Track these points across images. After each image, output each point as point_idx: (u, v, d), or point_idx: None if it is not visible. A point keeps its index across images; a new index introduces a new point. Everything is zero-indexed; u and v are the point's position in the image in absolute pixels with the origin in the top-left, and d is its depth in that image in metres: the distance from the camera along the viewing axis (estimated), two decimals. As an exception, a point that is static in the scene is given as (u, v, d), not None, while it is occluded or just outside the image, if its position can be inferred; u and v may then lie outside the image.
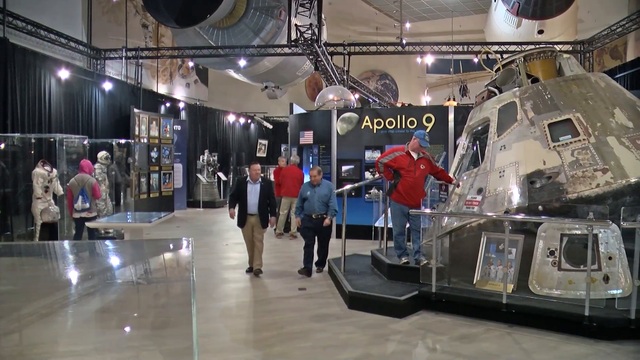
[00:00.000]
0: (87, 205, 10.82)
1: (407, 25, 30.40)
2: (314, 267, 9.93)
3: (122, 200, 15.36)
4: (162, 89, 23.55)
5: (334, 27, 28.83)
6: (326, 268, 9.87)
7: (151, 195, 18.21)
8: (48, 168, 11.25)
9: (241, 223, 9.76)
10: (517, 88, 8.59)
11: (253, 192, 9.63)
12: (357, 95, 23.21)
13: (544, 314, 6.63)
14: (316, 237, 9.89)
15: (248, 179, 9.72)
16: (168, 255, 5.58)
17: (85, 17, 18.96)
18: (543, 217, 7.19)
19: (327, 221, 9.68)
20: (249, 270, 9.94)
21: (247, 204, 9.63)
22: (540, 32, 20.26)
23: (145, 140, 18.00)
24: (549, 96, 8.04)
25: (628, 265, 6.73)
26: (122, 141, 16.03)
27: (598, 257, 6.82)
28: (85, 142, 13.19)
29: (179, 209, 20.41)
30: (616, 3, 22.19)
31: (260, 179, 9.73)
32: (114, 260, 5.32)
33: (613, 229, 6.80)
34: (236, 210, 9.75)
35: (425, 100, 34.40)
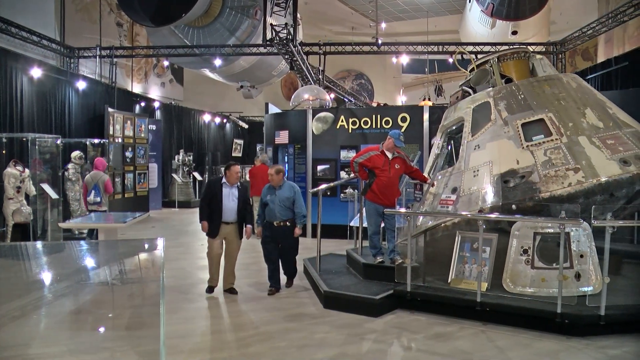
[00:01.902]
0: (99, 199, 11.74)
1: (383, 25, 30.51)
2: (282, 282, 8.77)
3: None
4: (136, 88, 23.35)
5: (310, 26, 28.83)
6: (302, 268, 9.80)
7: (126, 196, 18.05)
8: (20, 168, 11.10)
9: (214, 232, 8.29)
10: (491, 88, 8.67)
11: (230, 197, 8.29)
12: (332, 95, 23.21)
13: (518, 311, 6.70)
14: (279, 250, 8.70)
15: (223, 180, 8.32)
16: (140, 256, 5.55)
17: (58, 15, 18.72)
18: (516, 216, 7.26)
19: (297, 231, 8.50)
20: (211, 289, 8.46)
21: (222, 210, 8.23)
22: (514, 33, 20.47)
23: (120, 140, 17.84)
24: (522, 96, 8.13)
25: (598, 263, 6.85)
26: (96, 141, 15.86)
27: (570, 255, 6.92)
28: (59, 142, 13.01)
29: (154, 209, 20.26)
30: (587, 6, 22.56)
31: (238, 182, 8.47)
32: (87, 261, 5.27)
33: (584, 227, 6.91)
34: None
35: (400, 100, 34.56)
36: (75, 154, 13.73)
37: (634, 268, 8.29)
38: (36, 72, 14.34)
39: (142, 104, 21.46)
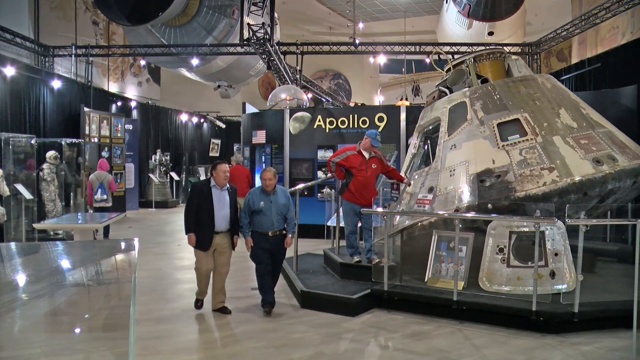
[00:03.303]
0: (105, 197, 12.90)
1: (360, 25, 30.55)
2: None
3: (72, 201, 15.01)
4: (113, 88, 23.10)
5: (288, 26, 28.79)
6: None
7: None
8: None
9: (205, 245, 7.19)
10: (467, 88, 8.74)
11: (222, 202, 7.24)
12: (310, 95, 23.23)
13: (494, 310, 6.76)
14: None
15: (213, 184, 7.26)
16: (114, 256, 5.49)
17: (32, 13, 18.46)
18: (492, 215, 7.33)
19: (289, 241, 7.57)
20: (200, 304, 7.58)
21: (214, 219, 7.18)
22: (490, 33, 20.63)
23: (96, 140, 17.65)
24: (498, 96, 8.20)
25: (572, 261, 6.95)
26: (72, 140, 15.67)
27: (545, 253, 7.00)
28: (33, 142, 12.83)
29: (131, 209, 20.07)
30: (561, 8, 22.85)
31: (228, 185, 7.41)
32: (62, 262, 5.21)
33: (559, 226, 6.99)
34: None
35: (378, 99, 34.65)
36: (50, 154, 13.54)
37: (607, 266, 8.44)
38: (9, 71, 14.11)
39: (119, 103, 21.24)
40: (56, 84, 16.55)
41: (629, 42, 13.26)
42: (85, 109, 17.01)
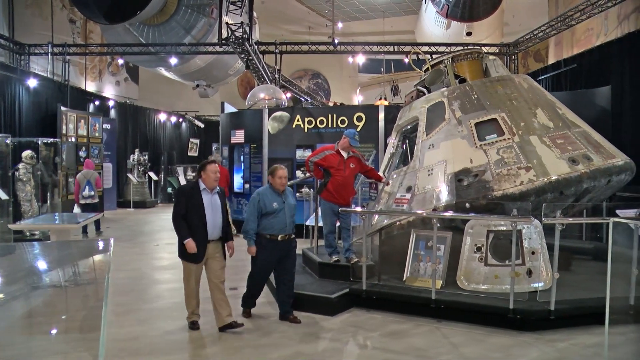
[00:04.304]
0: (92, 193, 13.78)
1: (339, 25, 30.56)
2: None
3: (48, 201, 14.85)
4: (90, 87, 22.85)
5: (267, 26, 28.70)
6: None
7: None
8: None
9: (199, 256, 6.48)
10: (445, 88, 8.79)
11: (213, 207, 6.57)
12: (289, 94, 23.19)
13: (471, 308, 6.82)
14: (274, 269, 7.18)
15: (203, 187, 6.55)
16: (87, 257, 5.44)
17: (7, 10, 18.20)
18: (470, 214, 7.39)
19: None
20: (197, 325, 6.73)
21: (206, 225, 6.48)
22: (469, 34, 20.76)
23: (73, 139, 17.46)
24: (476, 96, 8.26)
25: (549, 259, 7.02)
26: (49, 140, 15.48)
27: (522, 252, 7.06)
28: (8, 141, 12.66)
29: (109, 210, 19.89)
30: (538, 9, 23.08)
31: (218, 187, 6.80)
32: (37, 263, 5.15)
33: (536, 224, 7.06)
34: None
35: (357, 99, 34.71)
36: (26, 153, 13.38)
37: (583, 264, 8.55)
38: (-17, 69, 13.93)
39: (96, 102, 21.05)
40: (32, 82, 16.33)
41: (603, 44, 13.45)
42: (62, 108, 16.81)
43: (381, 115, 13.33)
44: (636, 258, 6.25)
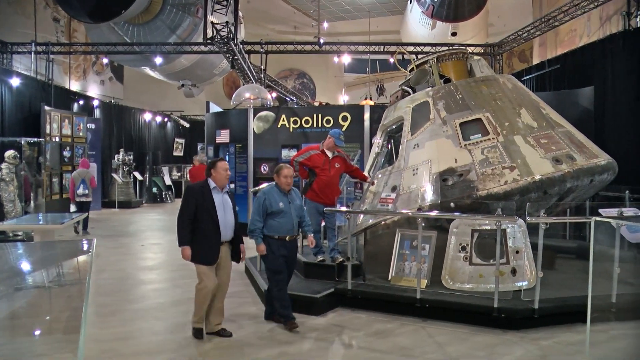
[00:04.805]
0: (87, 191, 14.37)
1: (325, 24, 30.58)
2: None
3: (32, 202, 14.72)
4: (75, 86, 22.69)
5: (252, 25, 28.65)
6: (243, 267, 9.66)
7: (64, 196, 17.51)
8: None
9: (212, 258, 6.21)
10: (430, 88, 8.82)
11: (225, 207, 6.29)
12: (274, 94, 23.16)
13: (456, 307, 6.84)
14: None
15: (213, 185, 6.26)
16: (70, 257, 5.40)
17: (-12, 8, 18.07)
18: (455, 213, 7.41)
19: (312, 239, 7.09)
20: (201, 334, 6.33)
21: (219, 226, 6.19)
22: (454, 34, 20.85)
23: (57, 139, 17.33)
24: (461, 96, 8.29)
25: (533, 258, 7.06)
26: (32, 140, 15.35)
27: (506, 251, 7.10)
28: (-10, 141, 12.56)
29: (93, 210, 19.70)
30: (523, 10, 23.29)
31: (228, 186, 6.53)
32: (20, 264, 5.10)
33: (520, 224, 7.11)
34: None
35: (342, 99, 34.72)
36: (9, 153, 13.24)
37: (566, 262, 8.61)
38: (-36, 68, 13.78)
39: (81, 102, 20.92)
40: (15, 81, 16.19)
41: (586, 45, 13.59)
42: (46, 108, 16.69)
43: (366, 115, 13.35)
44: (618, 256, 6.33)
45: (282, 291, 6.72)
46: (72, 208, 15.04)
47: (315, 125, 13.56)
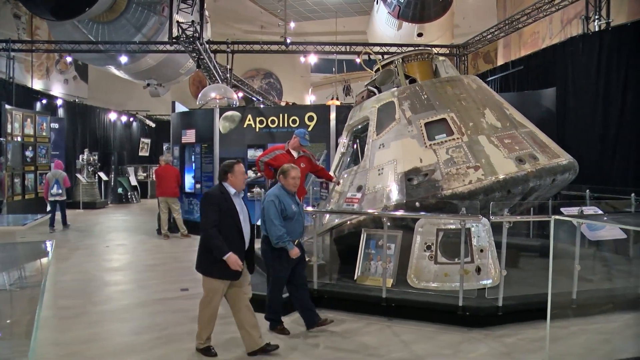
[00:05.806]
0: (60, 191, 15.00)
1: (292, 24, 30.56)
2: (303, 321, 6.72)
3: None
4: (37, 85, 22.29)
5: (219, 25, 28.50)
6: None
7: (26, 197, 17.13)
8: None
9: (236, 271, 5.57)
10: (395, 88, 8.86)
11: (243, 213, 5.86)
12: (240, 94, 23.07)
13: (422, 306, 6.89)
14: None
15: (233, 191, 5.83)
16: (31, 260, 5.31)
17: (-54, 5, 17.62)
18: (420, 213, 7.46)
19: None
20: (214, 351, 5.83)
21: (242, 234, 5.74)
22: (420, 35, 21.02)
23: (19, 139, 16.97)
24: (426, 96, 8.35)
25: (497, 257, 7.14)
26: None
27: (471, 250, 7.18)
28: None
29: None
30: (487, 12, 23.62)
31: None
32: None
33: (484, 223, 7.18)
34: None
35: (309, 99, 34.77)
36: (-32, 153, 12.98)
37: (529, 260, 8.74)
38: None
39: (44, 101, 20.56)
40: (-27, 80, 15.85)
41: (548, 47, 13.83)
42: (7, 107, 16.30)
43: (332, 115, 13.34)
44: (579, 254, 6.44)
45: (278, 297, 6.53)
46: (48, 207, 15.41)
47: (281, 125, 13.50)
